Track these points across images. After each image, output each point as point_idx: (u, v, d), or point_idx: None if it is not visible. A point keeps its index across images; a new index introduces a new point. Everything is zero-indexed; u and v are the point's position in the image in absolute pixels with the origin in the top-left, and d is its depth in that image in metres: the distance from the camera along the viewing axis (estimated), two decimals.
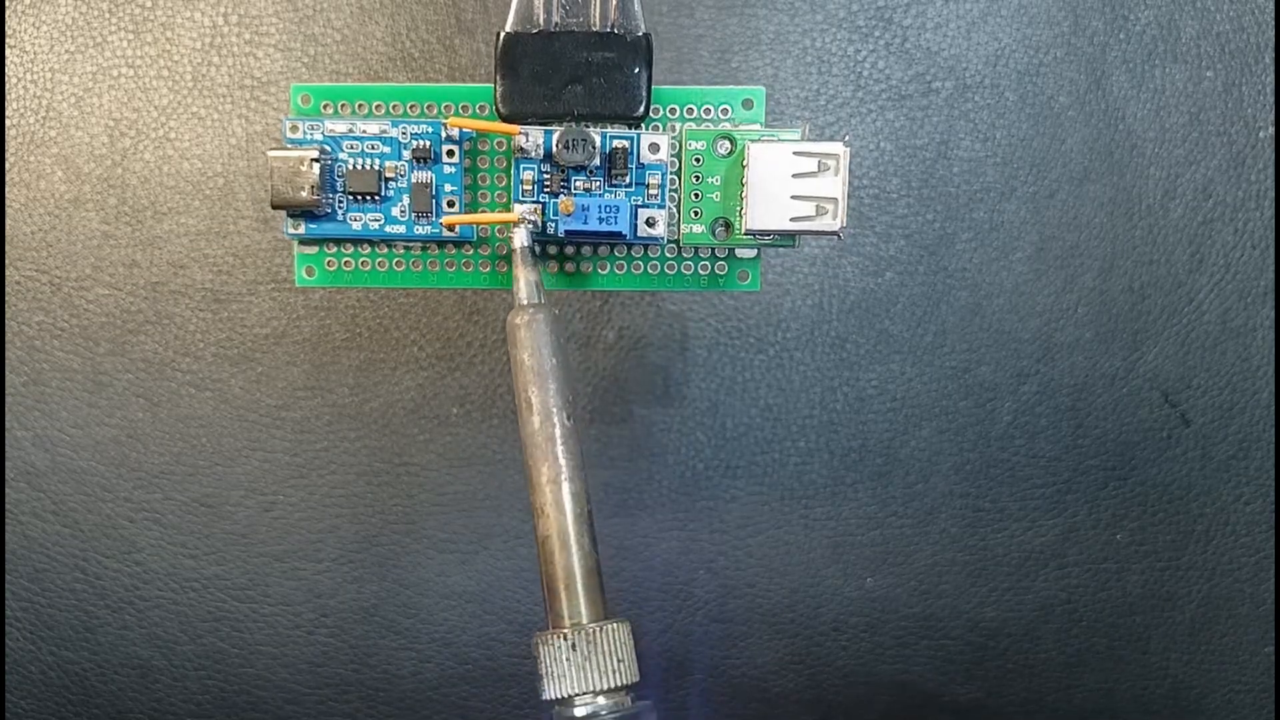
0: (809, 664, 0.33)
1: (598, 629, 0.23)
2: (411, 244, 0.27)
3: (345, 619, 0.33)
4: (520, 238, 0.25)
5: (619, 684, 0.23)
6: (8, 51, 0.31)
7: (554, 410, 0.24)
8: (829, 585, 0.33)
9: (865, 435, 0.32)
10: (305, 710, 0.33)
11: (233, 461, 0.32)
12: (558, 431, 0.24)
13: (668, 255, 0.27)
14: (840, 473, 0.32)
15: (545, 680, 0.23)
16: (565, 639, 0.23)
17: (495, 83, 0.25)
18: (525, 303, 0.24)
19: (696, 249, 0.27)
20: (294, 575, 0.33)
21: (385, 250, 0.27)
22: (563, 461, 0.23)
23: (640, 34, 0.25)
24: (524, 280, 0.24)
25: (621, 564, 0.33)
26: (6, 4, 0.31)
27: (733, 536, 0.33)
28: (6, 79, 0.31)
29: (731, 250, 0.27)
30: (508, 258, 0.27)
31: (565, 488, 0.23)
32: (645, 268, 0.28)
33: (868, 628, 0.33)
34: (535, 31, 0.25)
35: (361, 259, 0.28)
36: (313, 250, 0.27)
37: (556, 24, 0.25)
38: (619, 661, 0.23)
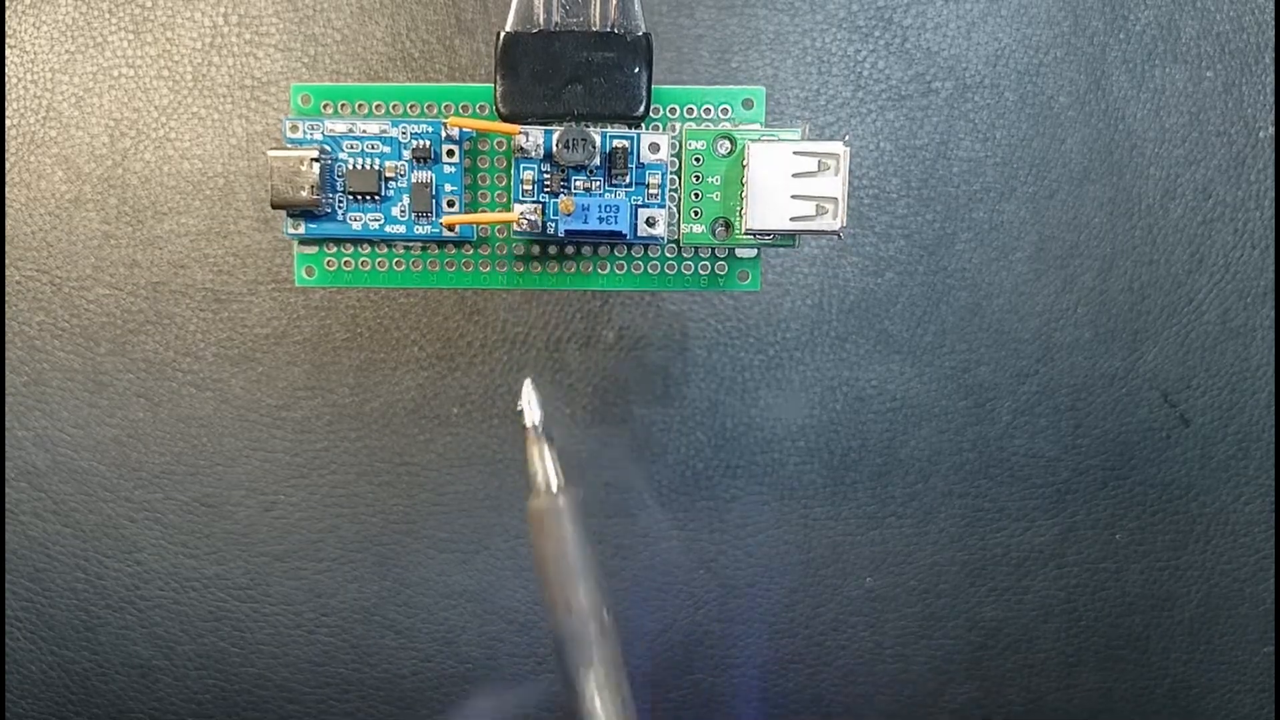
0: (809, 663, 0.33)
1: None
2: (411, 244, 0.27)
3: (346, 618, 0.33)
4: (530, 413, 0.23)
5: None
6: (8, 51, 0.31)
7: (592, 609, 0.22)
8: (829, 585, 0.33)
9: (865, 435, 0.32)
10: (306, 709, 0.33)
11: (233, 461, 0.32)
12: (597, 632, 0.22)
13: (668, 255, 0.27)
14: (840, 473, 0.32)
15: None
16: None
17: (495, 82, 0.25)
18: (544, 488, 0.22)
19: (696, 249, 0.27)
20: (295, 575, 0.33)
21: (385, 250, 0.27)
22: (606, 667, 0.21)
23: (640, 34, 0.25)
24: (540, 463, 0.22)
25: (621, 564, 0.33)
26: (6, 4, 0.31)
27: (732, 536, 0.33)
28: (7, 79, 0.31)
29: (731, 250, 0.27)
30: (509, 257, 0.28)
31: (611, 698, 0.21)
32: (645, 268, 0.28)
33: (867, 627, 0.33)
34: (535, 31, 0.25)
35: (361, 259, 0.28)
36: (313, 250, 0.27)
37: (556, 24, 0.25)
38: None
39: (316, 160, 0.26)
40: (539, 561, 0.22)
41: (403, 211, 0.26)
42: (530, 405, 0.23)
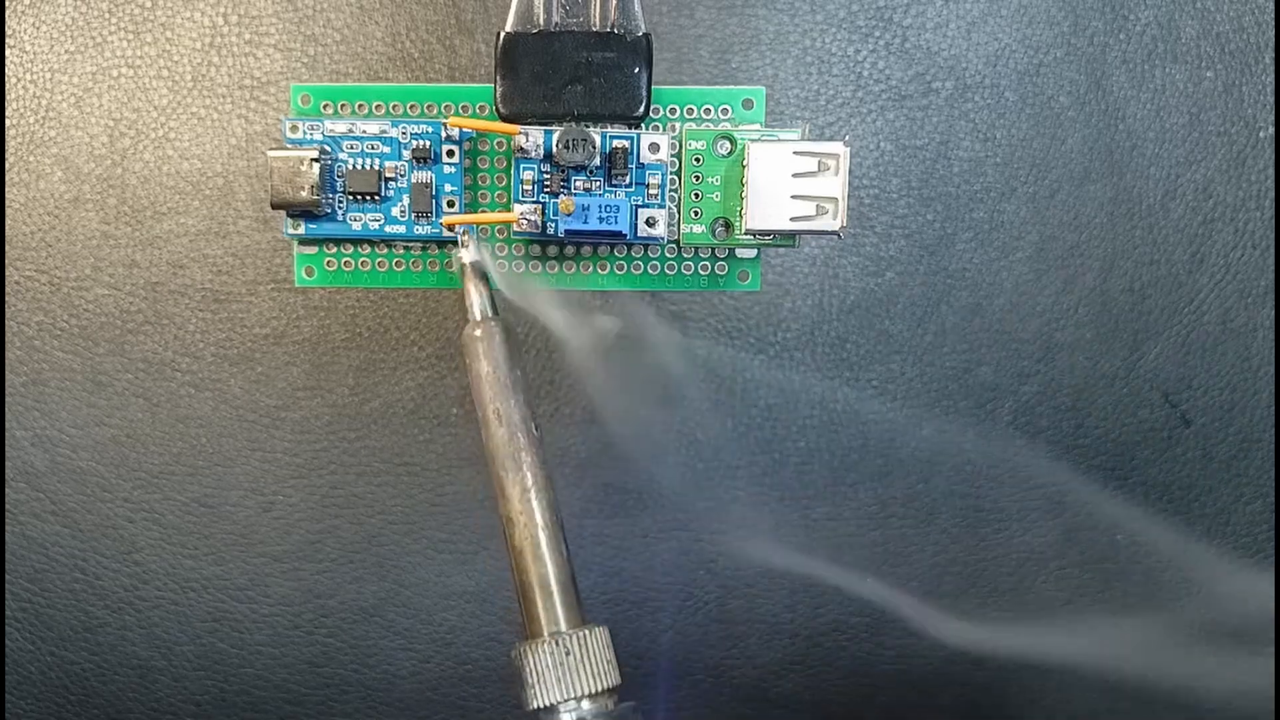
0: (809, 664, 0.33)
1: (578, 635, 0.23)
2: (411, 244, 0.27)
3: (345, 619, 0.33)
4: (468, 253, 0.25)
5: (602, 688, 0.23)
6: (8, 51, 0.31)
7: (520, 422, 0.24)
8: (829, 586, 0.33)
9: (865, 436, 0.32)
10: (305, 711, 0.33)
11: (232, 462, 0.32)
12: (525, 442, 0.24)
13: (668, 255, 0.27)
14: (840, 473, 0.32)
15: (530, 689, 0.23)
16: (547, 647, 0.23)
17: (495, 83, 0.25)
18: (479, 317, 0.25)
19: (696, 249, 0.27)
20: (293, 575, 0.33)
21: (385, 250, 0.27)
22: (533, 472, 0.24)
23: (640, 34, 0.25)
24: (476, 295, 0.25)
25: (622, 564, 0.33)
26: (6, 4, 0.31)
27: (733, 537, 0.33)
28: (6, 79, 0.31)
29: (731, 250, 0.27)
30: (509, 258, 0.27)
31: (536, 498, 0.24)
32: (645, 268, 0.28)
33: (868, 628, 0.33)
34: (535, 31, 0.25)
35: (361, 259, 0.28)
36: (312, 250, 0.27)
37: (556, 24, 0.25)
38: (601, 666, 0.23)
39: (316, 160, 0.25)
40: (473, 382, 0.24)
41: (403, 212, 0.26)
42: (468, 245, 0.25)
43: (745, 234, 0.26)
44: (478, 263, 0.25)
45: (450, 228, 0.26)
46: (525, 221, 0.25)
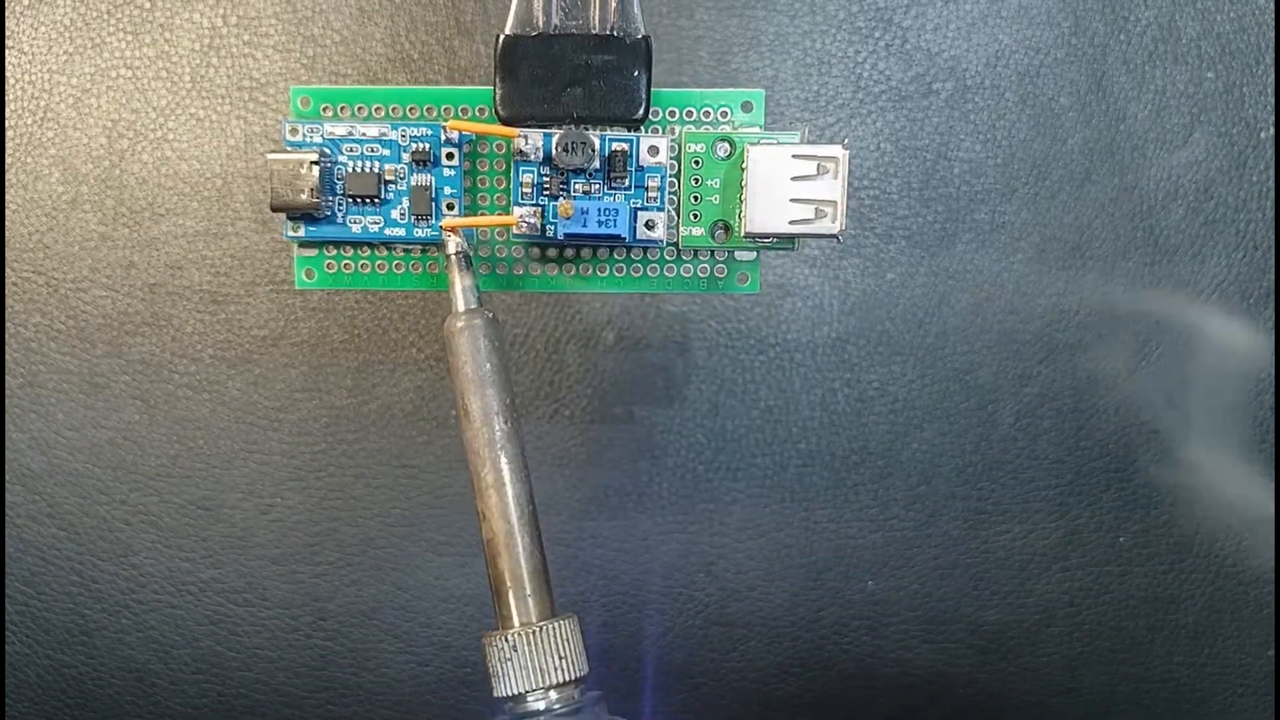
0: (810, 667, 0.33)
1: (544, 627, 0.23)
2: (411, 247, 0.27)
3: (343, 622, 0.33)
4: (452, 245, 0.25)
5: (567, 679, 0.23)
6: (6, 53, 0.31)
7: (493, 415, 0.24)
8: (830, 588, 0.33)
9: (866, 437, 0.32)
10: (303, 714, 0.33)
11: (230, 464, 0.32)
12: (497, 436, 0.24)
13: (667, 258, 0.27)
14: (841, 475, 0.32)
15: (496, 679, 0.23)
16: (509, 640, 0.23)
17: (495, 85, 0.25)
18: (461, 309, 0.25)
19: (696, 251, 0.27)
20: (292, 578, 0.33)
21: (385, 253, 0.27)
22: (503, 466, 0.24)
23: (639, 36, 0.25)
24: (459, 287, 0.25)
25: (621, 567, 0.33)
26: (5, 5, 0.31)
27: (733, 539, 0.33)
28: (5, 80, 0.31)
29: (731, 252, 0.27)
30: (508, 260, 0.27)
31: (507, 491, 0.24)
32: (645, 270, 0.27)
33: (869, 630, 0.33)
34: (534, 34, 0.25)
35: (361, 261, 0.27)
36: (312, 253, 0.27)
37: (556, 26, 0.25)
38: (565, 657, 0.23)
39: (316, 163, 0.25)
40: (451, 376, 0.24)
41: (402, 214, 0.26)
42: (453, 235, 0.25)
43: (744, 237, 0.26)
44: (461, 254, 0.25)
45: (450, 230, 0.26)
46: (524, 224, 0.25)
